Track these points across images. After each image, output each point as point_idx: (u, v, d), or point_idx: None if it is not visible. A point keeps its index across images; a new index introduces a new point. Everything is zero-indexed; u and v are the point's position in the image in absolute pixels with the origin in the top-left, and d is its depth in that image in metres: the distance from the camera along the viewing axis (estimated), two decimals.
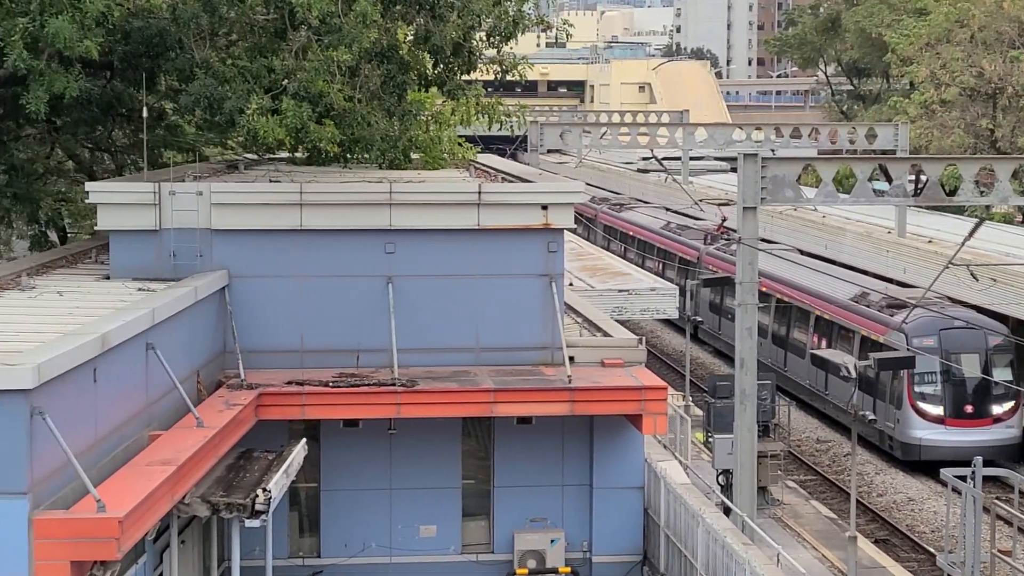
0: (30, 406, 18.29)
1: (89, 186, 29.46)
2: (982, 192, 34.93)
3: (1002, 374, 46.28)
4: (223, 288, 28.21)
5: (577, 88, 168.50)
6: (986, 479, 34.11)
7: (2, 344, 20.46)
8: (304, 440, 26.88)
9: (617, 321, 34.96)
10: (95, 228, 31.19)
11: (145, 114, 29.91)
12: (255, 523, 23.27)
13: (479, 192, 29.10)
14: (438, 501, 29.37)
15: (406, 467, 29.21)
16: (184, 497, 22.45)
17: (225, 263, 28.38)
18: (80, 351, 20.12)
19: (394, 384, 27.41)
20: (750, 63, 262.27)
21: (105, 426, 21.33)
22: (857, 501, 36.77)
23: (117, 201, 28.37)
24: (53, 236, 39.80)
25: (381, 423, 28.57)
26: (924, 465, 46.33)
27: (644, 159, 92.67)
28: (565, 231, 29.36)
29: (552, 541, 29.22)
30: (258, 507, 23.04)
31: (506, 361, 28.90)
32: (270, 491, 23.36)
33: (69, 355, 19.69)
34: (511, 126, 32.89)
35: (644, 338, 30.99)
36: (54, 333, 21.32)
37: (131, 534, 19.20)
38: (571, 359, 28.55)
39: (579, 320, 33.00)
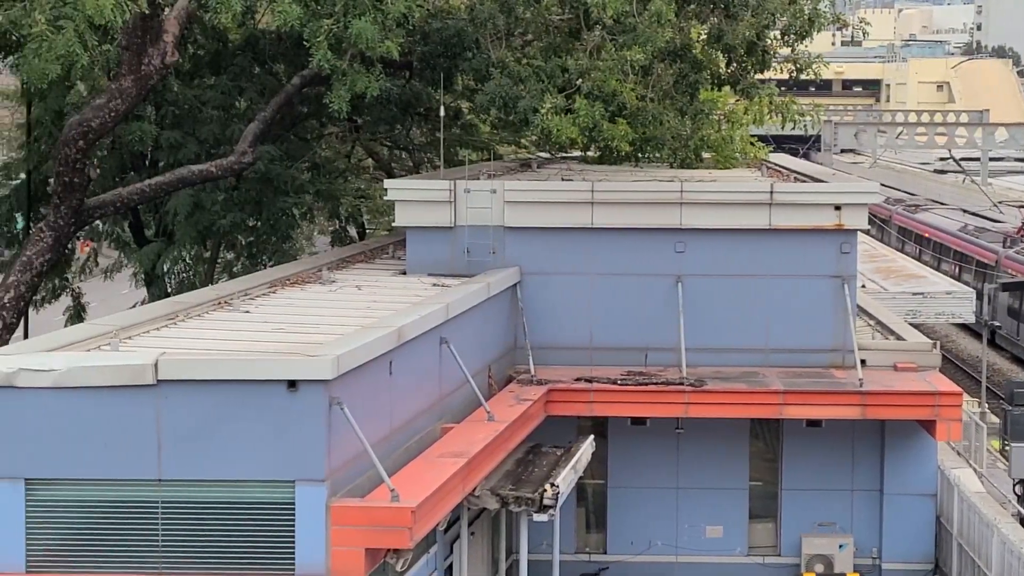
0: (329, 396, 18.79)
1: (388, 183, 30.17)
2: None
3: None
4: (515, 285, 28.57)
5: (872, 87, 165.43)
6: None
7: (303, 336, 21.13)
8: (592, 437, 27.03)
9: (911, 325, 34.25)
10: (392, 224, 31.96)
11: (442, 113, 30.54)
12: (543, 517, 23.49)
13: (771, 192, 28.84)
14: (725, 502, 29.23)
15: (693, 467, 29.13)
16: (474, 490, 22.80)
17: (517, 260, 28.74)
18: (377, 344, 20.61)
19: (682, 383, 27.37)
20: None
21: (399, 417, 21.81)
22: None
23: (414, 198, 28.98)
24: (352, 232, 40.93)
25: (669, 422, 28.55)
26: None
27: (941, 159, 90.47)
28: (859, 232, 28.90)
29: (840, 546, 28.80)
30: (546, 502, 23.24)
31: (795, 363, 28.58)
32: (558, 486, 23.54)
33: (366, 348, 20.18)
34: (804, 125, 32.49)
35: (938, 342, 30.29)
36: (352, 326, 21.90)
37: (423, 524, 19.57)
38: (862, 362, 28.08)
39: (871, 323, 32.42)
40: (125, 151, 34.26)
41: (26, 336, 33.00)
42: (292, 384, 18.62)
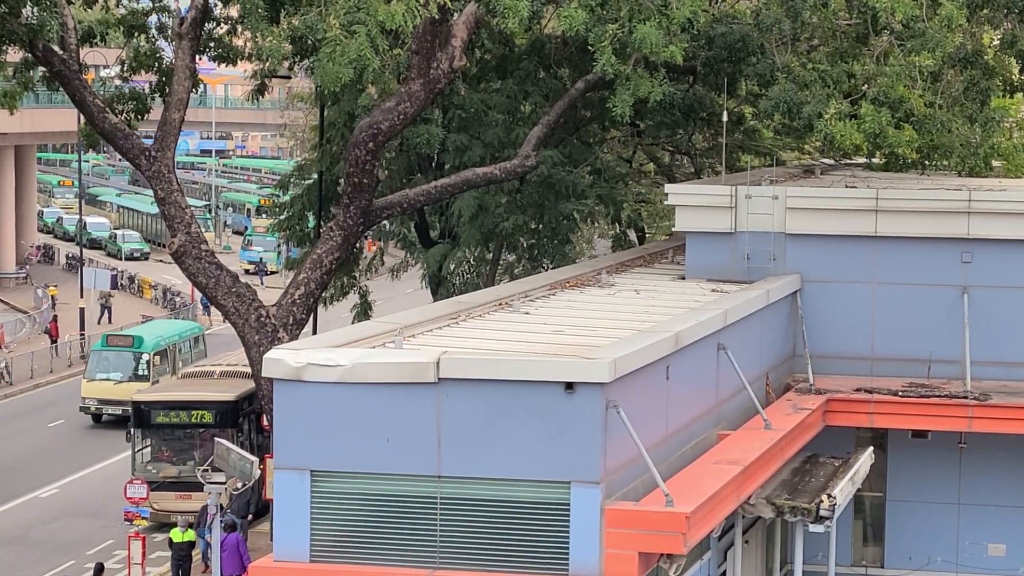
0: (605, 399, 18.90)
1: (668, 188, 30.21)
2: None
3: None
4: (795, 292, 28.30)
5: None
6: None
7: (581, 338, 21.31)
8: (871, 448, 26.64)
9: None
10: (672, 229, 31.95)
11: (725, 118, 30.42)
12: (819, 528, 23.25)
13: None
14: (1008, 519, 28.44)
15: (975, 482, 28.43)
16: (750, 497, 22.67)
17: (797, 267, 28.45)
18: (654, 348, 20.66)
19: (966, 397, 26.77)
20: None
21: (675, 423, 21.82)
22: None
23: (695, 203, 28.94)
24: (632, 236, 41.05)
25: (951, 436, 27.92)
26: None
27: None
28: None
29: None
30: (823, 512, 23.00)
31: None
32: (835, 497, 23.26)
33: (644, 352, 20.24)
34: None
35: None
36: (630, 330, 21.99)
37: (697, 530, 19.55)
38: None
39: None
40: (412, 153, 35.02)
41: (315, 332, 34.01)
42: (569, 386, 18.79)
